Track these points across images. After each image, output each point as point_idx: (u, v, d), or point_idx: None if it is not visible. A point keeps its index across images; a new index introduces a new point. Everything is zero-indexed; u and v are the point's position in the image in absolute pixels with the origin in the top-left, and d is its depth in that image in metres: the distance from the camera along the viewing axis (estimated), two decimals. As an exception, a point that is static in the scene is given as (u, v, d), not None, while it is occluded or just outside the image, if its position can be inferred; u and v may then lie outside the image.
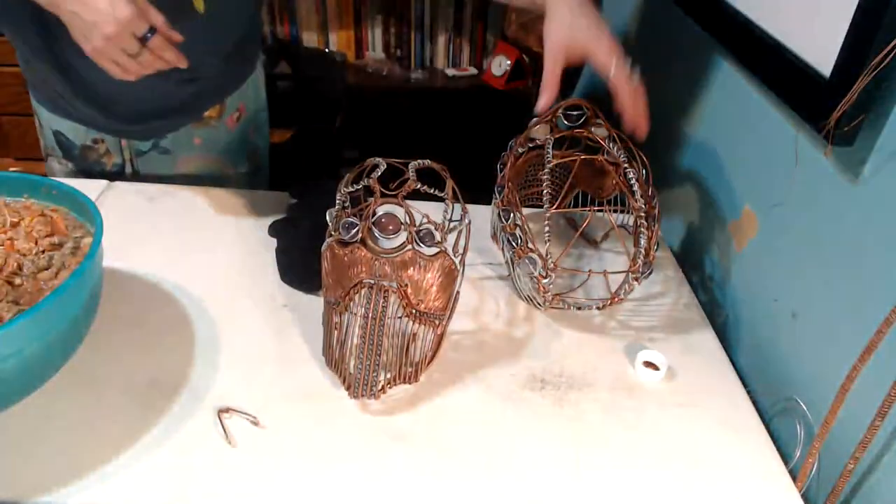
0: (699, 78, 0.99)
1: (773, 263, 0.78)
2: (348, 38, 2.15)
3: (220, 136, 1.07)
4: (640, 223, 0.78)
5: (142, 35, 0.74)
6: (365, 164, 0.71)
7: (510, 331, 0.79)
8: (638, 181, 0.78)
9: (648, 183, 0.81)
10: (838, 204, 0.67)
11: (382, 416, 0.67)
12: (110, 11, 0.71)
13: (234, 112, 1.07)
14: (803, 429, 0.69)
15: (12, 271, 0.64)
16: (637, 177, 0.79)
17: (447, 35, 2.13)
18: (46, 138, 1.05)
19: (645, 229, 0.77)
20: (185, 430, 0.63)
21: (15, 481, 0.58)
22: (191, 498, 0.57)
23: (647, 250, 0.77)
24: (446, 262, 0.67)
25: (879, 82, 0.59)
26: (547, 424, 0.67)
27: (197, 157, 1.07)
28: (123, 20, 0.72)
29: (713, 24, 0.93)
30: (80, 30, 0.73)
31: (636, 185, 0.78)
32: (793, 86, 0.71)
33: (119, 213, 0.91)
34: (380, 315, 0.65)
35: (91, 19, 0.72)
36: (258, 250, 0.88)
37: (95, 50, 0.74)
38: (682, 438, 0.67)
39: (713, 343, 0.80)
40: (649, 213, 0.78)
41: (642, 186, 0.79)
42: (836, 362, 0.65)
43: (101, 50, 0.74)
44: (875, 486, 0.61)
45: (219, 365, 0.70)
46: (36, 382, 0.62)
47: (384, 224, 0.66)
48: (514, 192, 0.80)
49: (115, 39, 0.73)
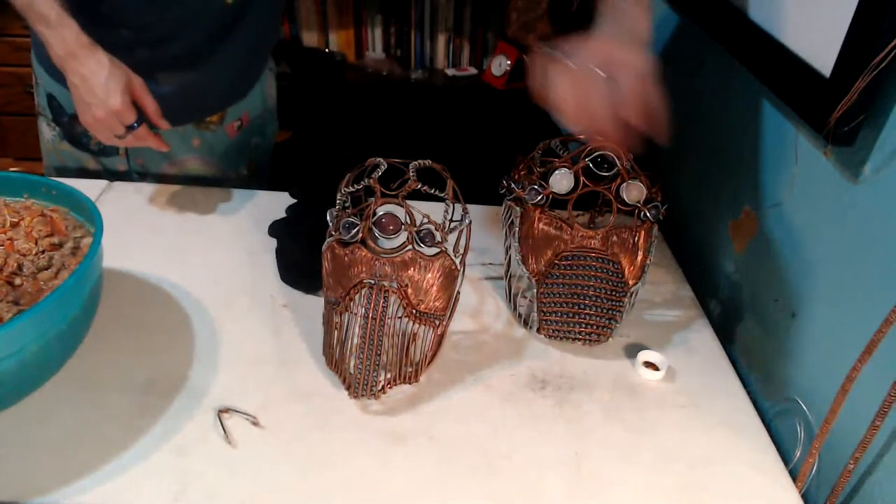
0: (699, 78, 0.99)
1: (773, 263, 0.78)
2: (348, 38, 2.14)
3: (219, 141, 1.07)
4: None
5: (128, 125, 0.81)
6: (365, 164, 0.71)
7: (510, 331, 0.79)
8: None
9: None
10: (838, 204, 0.67)
11: (382, 416, 0.67)
12: (104, 99, 0.79)
13: (235, 120, 1.07)
14: (803, 429, 0.69)
15: (12, 271, 0.64)
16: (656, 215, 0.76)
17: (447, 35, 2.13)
18: (40, 97, 1.05)
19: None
20: (185, 430, 0.63)
21: (15, 481, 0.58)
22: (191, 498, 0.57)
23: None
24: (446, 263, 0.67)
25: (879, 82, 0.59)
26: (547, 425, 0.67)
27: (193, 159, 1.07)
28: (112, 110, 0.79)
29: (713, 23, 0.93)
30: (77, 100, 0.80)
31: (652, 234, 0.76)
32: (793, 85, 0.71)
33: (119, 213, 0.91)
34: (380, 315, 0.65)
35: (87, 99, 0.79)
36: (258, 250, 0.88)
37: (86, 122, 0.81)
38: (682, 438, 0.67)
39: (713, 343, 0.80)
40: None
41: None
42: (836, 362, 0.65)
43: (90, 124, 0.81)
44: (875, 486, 0.61)
45: (218, 365, 0.70)
46: (36, 382, 0.62)
47: (384, 224, 0.66)
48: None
49: (104, 123, 0.80)
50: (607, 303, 0.75)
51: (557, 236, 0.76)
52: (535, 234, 0.77)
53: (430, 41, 2.15)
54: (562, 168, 0.75)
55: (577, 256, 0.75)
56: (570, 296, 0.75)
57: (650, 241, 0.76)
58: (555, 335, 0.76)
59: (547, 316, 0.76)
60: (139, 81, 0.82)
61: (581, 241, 0.75)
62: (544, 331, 0.76)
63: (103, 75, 0.78)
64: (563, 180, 0.75)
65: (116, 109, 0.79)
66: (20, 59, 2.04)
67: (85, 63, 0.78)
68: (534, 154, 0.80)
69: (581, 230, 0.75)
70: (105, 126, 0.81)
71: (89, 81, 0.78)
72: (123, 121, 0.81)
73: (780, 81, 0.74)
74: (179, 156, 1.05)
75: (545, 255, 0.76)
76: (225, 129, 1.06)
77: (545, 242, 0.76)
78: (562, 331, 0.76)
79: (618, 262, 0.75)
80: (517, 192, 0.78)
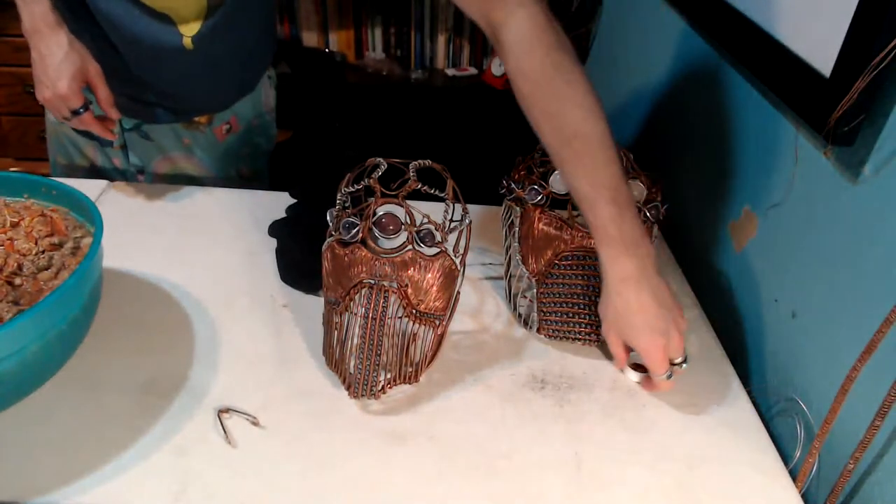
0: (699, 78, 0.99)
1: (773, 263, 0.78)
2: (348, 38, 2.14)
3: (209, 143, 1.07)
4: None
5: (73, 110, 0.83)
6: (365, 164, 0.71)
7: (510, 331, 0.79)
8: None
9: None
10: (838, 204, 0.67)
11: (382, 416, 0.67)
12: (52, 82, 0.81)
13: (223, 124, 1.06)
14: (803, 429, 0.69)
15: (12, 271, 0.64)
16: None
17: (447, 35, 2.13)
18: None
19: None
20: (185, 430, 0.63)
21: (15, 481, 0.58)
22: (191, 498, 0.57)
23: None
24: (447, 263, 0.67)
25: (879, 82, 0.59)
26: (547, 424, 0.67)
27: (184, 158, 1.06)
28: (59, 94, 0.81)
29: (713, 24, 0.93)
30: (34, 76, 0.83)
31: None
32: (793, 86, 0.71)
33: (119, 213, 0.91)
34: (380, 315, 0.65)
35: (39, 76, 0.81)
36: (258, 250, 0.88)
37: (39, 99, 0.83)
38: (682, 438, 0.67)
39: (713, 343, 0.80)
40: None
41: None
42: (836, 362, 0.65)
43: (41, 101, 0.84)
44: (875, 486, 0.61)
45: (218, 365, 0.70)
46: (36, 382, 0.62)
47: (384, 224, 0.66)
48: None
49: (51, 103, 0.82)
50: (607, 303, 0.74)
51: (557, 236, 0.76)
52: (535, 234, 0.77)
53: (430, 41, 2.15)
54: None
55: (577, 256, 0.75)
56: (570, 296, 0.75)
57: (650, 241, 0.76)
58: (555, 335, 0.76)
59: (547, 316, 0.76)
60: (96, 69, 0.83)
61: (581, 241, 0.75)
62: (544, 331, 0.76)
63: (59, 56, 0.80)
64: (563, 180, 0.75)
65: (62, 93, 0.81)
66: (20, 59, 2.04)
67: (45, 41, 0.79)
68: (534, 154, 0.80)
69: (581, 230, 0.75)
70: (52, 107, 0.83)
71: (45, 60, 0.80)
72: (69, 105, 0.82)
73: (780, 81, 0.74)
74: (171, 152, 1.05)
75: (545, 255, 0.76)
76: (213, 132, 1.06)
77: (545, 242, 0.76)
78: (562, 331, 0.76)
79: None
80: (517, 192, 0.78)
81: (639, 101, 1.24)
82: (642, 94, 1.23)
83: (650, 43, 1.21)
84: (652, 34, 1.20)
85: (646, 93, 1.21)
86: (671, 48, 1.11)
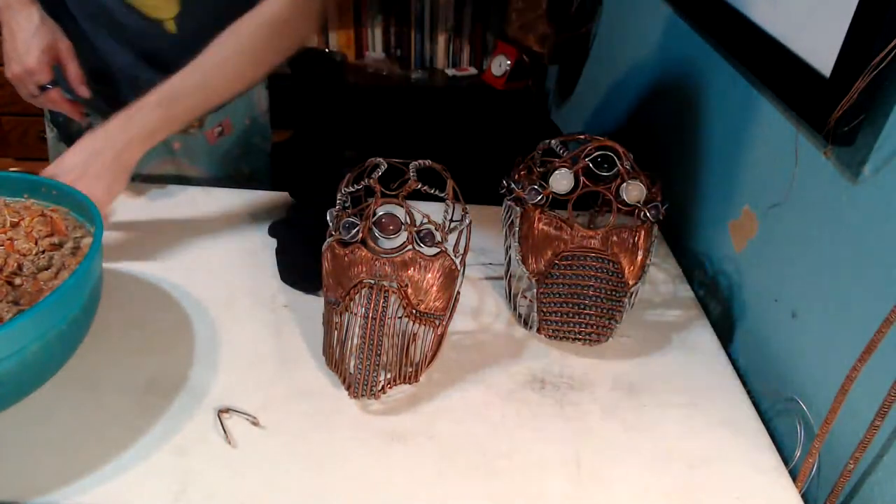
0: (699, 78, 0.99)
1: (773, 263, 0.78)
2: (348, 38, 2.14)
3: (199, 146, 1.05)
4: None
5: (41, 85, 0.82)
6: (365, 164, 0.71)
7: (510, 331, 0.79)
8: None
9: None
10: (838, 204, 0.67)
11: (382, 416, 0.67)
12: (21, 56, 0.80)
13: (216, 126, 1.05)
14: (803, 429, 0.69)
15: (12, 271, 0.64)
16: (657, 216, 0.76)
17: (447, 35, 2.13)
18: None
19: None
20: (185, 430, 0.63)
21: (15, 481, 0.57)
22: (191, 498, 0.57)
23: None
24: (447, 263, 0.67)
25: (879, 82, 0.59)
26: (547, 424, 0.67)
27: (173, 161, 1.05)
28: (27, 68, 0.80)
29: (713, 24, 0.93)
30: (3, 53, 0.82)
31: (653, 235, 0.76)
32: (793, 85, 0.71)
33: (119, 213, 0.91)
34: (380, 315, 0.65)
35: (8, 53, 0.81)
36: (258, 250, 0.88)
37: (8, 77, 0.83)
38: (682, 438, 0.67)
39: (713, 343, 0.80)
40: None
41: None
42: (836, 362, 0.65)
43: (10, 80, 0.83)
44: (875, 486, 0.61)
45: (218, 365, 0.70)
46: (36, 382, 0.62)
47: (384, 224, 0.66)
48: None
49: (19, 78, 0.82)
50: (607, 303, 0.75)
51: (557, 236, 0.76)
52: (535, 234, 0.77)
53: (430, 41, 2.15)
54: (562, 168, 0.75)
55: (577, 256, 0.75)
56: (570, 296, 0.75)
57: (650, 241, 0.76)
58: (555, 335, 0.76)
59: (547, 316, 0.76)
60: (67, 45, 0.82)
61: (581, 241, 0.75)
62: (544, 331, 0.76)
63: (29, 31, 0.79)
64: (563, 180, 0.75)
65: (30, 67, 0.80)
66: (20, 60, 2.03)
67: (16, 16, 0.79)
68: (534, 154, 0.80)
69: (581, 230, 0.75)
70: (20, 82, 0.82)
71: (15, 36, 0.79)
72: (36, 80, 0.82)
73: (780, 81, 0.74)
74: (160, 156, 1.04)
75: (545, 255, 0.76)
76: (205, 135, 1.05)
77: (545, 242, 0.76)
78: (562, 331, 0.76)
79: (618, 262, 0.75)
80: (517, 192, 0.78)
81: (639, 101, 1.24)
82: (642, 94, 1.23)
83: (650, 43, 1.21)
84: (652, 34, 1.20)
85: (646, 93, 1.21)
86: (671, 48, 1.11)
